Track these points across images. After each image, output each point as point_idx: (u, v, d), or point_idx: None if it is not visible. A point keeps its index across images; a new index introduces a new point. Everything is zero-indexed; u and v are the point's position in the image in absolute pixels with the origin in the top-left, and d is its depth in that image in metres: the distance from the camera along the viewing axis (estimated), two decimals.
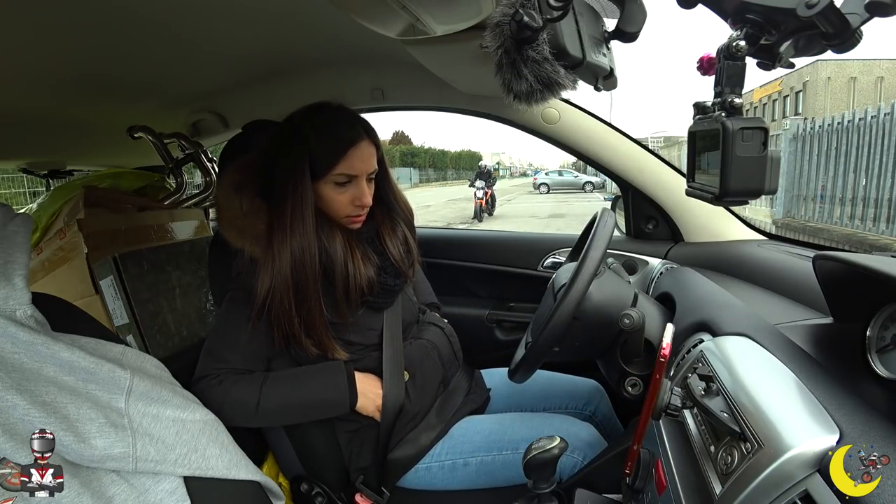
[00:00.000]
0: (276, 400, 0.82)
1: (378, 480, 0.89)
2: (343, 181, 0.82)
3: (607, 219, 0.81)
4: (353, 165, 0.81)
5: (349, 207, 0.84)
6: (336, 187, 0.83)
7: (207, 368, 0.83)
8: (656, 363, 0.53)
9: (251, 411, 0.80)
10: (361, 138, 0.82)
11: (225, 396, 0.79)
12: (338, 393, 0.84)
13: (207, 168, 1.44)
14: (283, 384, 0.84)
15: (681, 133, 20.54)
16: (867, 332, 0.54)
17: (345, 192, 0.83)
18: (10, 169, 3.24)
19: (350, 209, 0.84)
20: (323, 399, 0.84)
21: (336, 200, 0.83)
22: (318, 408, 0.85)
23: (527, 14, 0.45)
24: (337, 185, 0.82)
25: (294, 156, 0.80)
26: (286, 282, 0.79)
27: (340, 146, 0.81)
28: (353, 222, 0.86)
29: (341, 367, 0.86)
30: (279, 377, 0.84)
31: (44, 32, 0.70)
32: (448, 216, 12.30)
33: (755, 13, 0.42)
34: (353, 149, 0.81)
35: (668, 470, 0.58)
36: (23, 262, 0.50)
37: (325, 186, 0.82)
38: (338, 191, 0.83)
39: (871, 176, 5.50)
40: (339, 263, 0.83)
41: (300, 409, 0.85)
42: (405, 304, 0.96)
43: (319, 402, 0.84)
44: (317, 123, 0.82)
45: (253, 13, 0.78)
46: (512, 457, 0.88)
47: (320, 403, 0.85)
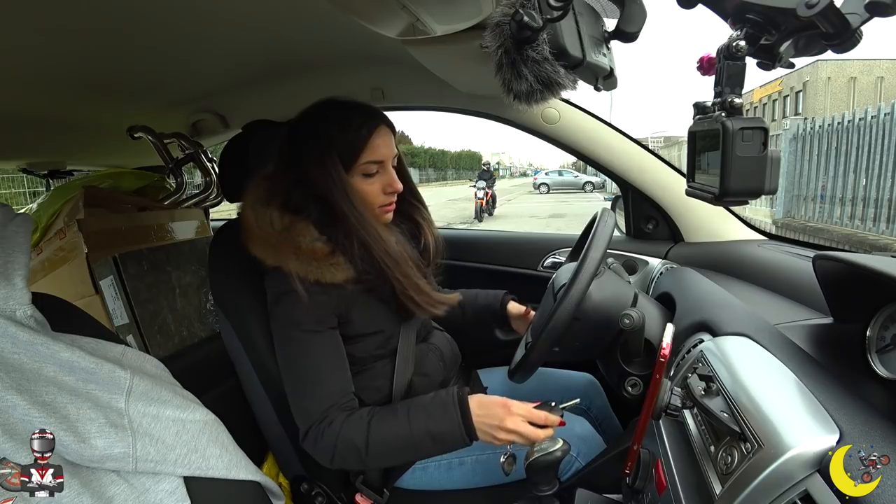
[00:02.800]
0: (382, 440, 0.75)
1: (378, 480, 0.89)
2: (372, 171, 0.81)
3: (607, 219, 0.81)
4: (378, 150, 0.80)
5: (381, 196, 0.83)
6: (365, 179, 0.81)
7: (312, 416, 0.76)
8: (656, 363, 0.53)
9: (362, 448, 0.74)
10: (379, 123, 0.81)
11: (334, 436, 0.74)
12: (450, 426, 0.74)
13: (207, 168, 1.44)
14: (387, 422, 0.76)
15: (681, 133, 20.55)
16: (867, 332, 0.54)
17: (375, 182, 0.82)
18: (10, 169, 3.24)
19: (382, 198, 0.83)
20: (430, 432, 0.74)
21: (368, 192, 0.81)
22: (428, 443, 0.75)
23: (527, 14, 0.45)
24: (366, 177, 0.81)
25: (323, 155, 0.78)
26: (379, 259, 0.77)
27: (362, 133, 0.79)
28: (386, 212, 0.85)
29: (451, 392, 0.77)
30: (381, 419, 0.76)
31: (44, 33, 0.70)
32: (448, 216, 12.30)
33: (755, 13, 0.42)
34: (374, 134, 0.80)
35: (668, 470, 0.58)
36: (23, 262, 0.50)
37: (354, 180, 0.80)
38: (368, 182, 0.81)
39: (871, 176, 5.51)
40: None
41: (410, 445, 0.75)
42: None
43: (427, 436, 0.74)
44: (331, 119, 0.80)
45: (253, 13, 0.78)
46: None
47: (428, 437, 0.74)
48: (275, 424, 0.92)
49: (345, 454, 0.75)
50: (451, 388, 0.78)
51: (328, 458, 0.76)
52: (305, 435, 0.77)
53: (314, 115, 0.82)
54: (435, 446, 0.75)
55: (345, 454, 0.75)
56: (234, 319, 0.90)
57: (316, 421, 0.76)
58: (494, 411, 0.74)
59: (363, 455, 0.74)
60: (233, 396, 0.98)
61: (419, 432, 0.74)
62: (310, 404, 0.77)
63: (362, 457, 0.74)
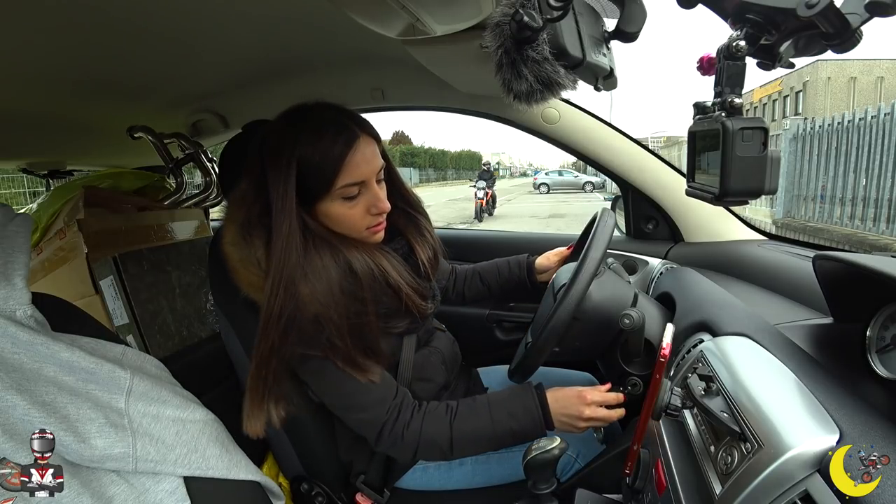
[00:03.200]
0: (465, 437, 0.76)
1: (378, 480, 0.89)
2: (352, 193, 0.72)
3: (607, 219, 0.81)
4: (357, 170, 0.70)
5: (366, 219, 0.74)
6: (345, 202, 0.72)
7: (377, 421, 0.75)
8: (656, 363, 0.53)
9: (446, 449, 0.76)
10: (357, 136, 0.70)
11: (416, 436, 0.75)
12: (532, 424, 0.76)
13: (207, 168, 1.44)
14: (470, 420, 0.77)
15: (681, 133, 20.53)
16: (867, 332, 0.54)
17: (357, 204, 0.73)
18: (10, 169, 3.24)
19: (368, 219, 0.75)
20: (512, 430, 0.76)
21: (350, 216, 0.73)
22: (508, 440, 0.77)
23: (527, 14, 0.45)
24: (346, 200, 0.72)
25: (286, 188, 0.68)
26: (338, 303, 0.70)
27: (334, 153, 0.69)
28: (374, 233, 0.77)
29: (530, 390, 0.78)
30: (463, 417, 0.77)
31: (44, 33, 0.70)
32: (448, 216, 12.30)
33: (755, 13, 0.42)
34: (351, 151, 0.69)
35: (668, 470, 0.58)
36: (23, 262, 0.50)
37: (332, 205, 0.72)
38: (348, 206, 0.72)
39: (871, 176, 5.50)
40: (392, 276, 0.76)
41: (491, 442, 0.77)
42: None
43: (509, 434, 0.76)
44: (300, 138, 0.69)
45: (253, 13, 0.78)
46: (507, 454, 0.88)
47: (509, 435, 0.76)
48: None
49: (427, 453, 0.77)
50: (528, 385, 0.79)
51: (409, 457, 0.78)
52: (378, 439, 0.76)
53: (278, 131, 0.71)
54: (514, 441, 0.77)
55: (427, 453, 0.77)
56: (234, 319, 0.90)
57: (386, 421, 0.76)
58: (571, 403, 0.76)
59: (447, 453, 0.76)
60: (233, 396, 0.98)
61: (502, 431, 0.76)
62: (367, 415, 0.76)
63: (445, 454, 0.77)
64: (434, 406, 0.78)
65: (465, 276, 1.12)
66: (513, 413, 0.76)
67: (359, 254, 0.74)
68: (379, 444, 0.77)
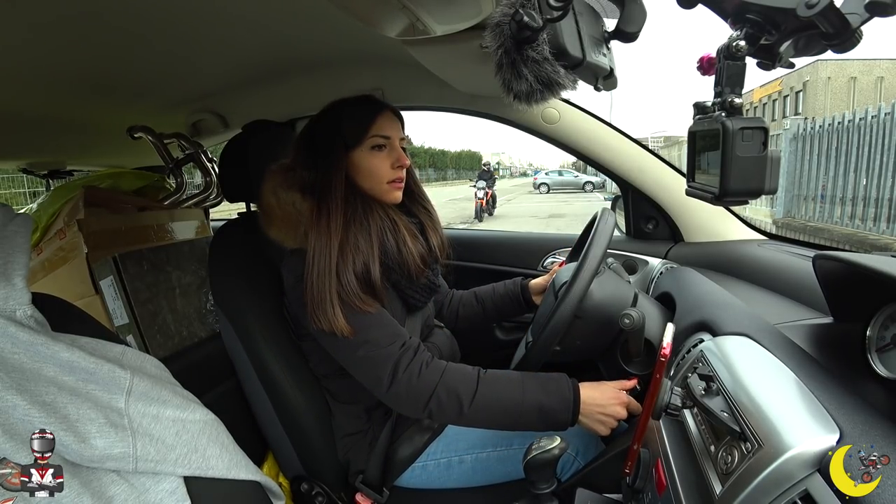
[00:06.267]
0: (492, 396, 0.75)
1: (378, 479, 0.89)
2: (380, 143, 0.85)
3: (607, 218, 0.82)
4: (384, 127, 0.85)
5: (390, 171, 0.86)
6: (374, 152, 0.85)
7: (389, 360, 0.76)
8: (656, 363, 0.53)
9: (466, 403, 0.74)
10: (386, 107, 0.87)
11: (435, 378, 0.75)
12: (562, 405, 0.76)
13: (207, 168, 1.44)
14: (501, 381, 0.77)
15: (681, 133, 20.55)
16: (867, 332, 0.54)
17: (383, 156, 0.85)
18: (10, 169, 3.25)
19: (391, 172, 0.86)
20: (541, 405, 0.75)
21: (377, 166, 0.85)
22: (533, 416, 0.76)
23: (527, 14, 0.45)
24: (374, 150, 0.85)
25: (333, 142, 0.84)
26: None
27: (369, 111, 0.85)
28: (394, 188, 0.87)
29: (564, 377, 0.79)
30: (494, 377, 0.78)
31: (44, 32, 0.70)
32: (448, 216, 12.29)
33: (755, 13, 0.42)
34: (380, 115, 0.85)
35: (668, 470, 0.58)
36: (23, 262, 0.50)
37: (362, 154, 0.84)
38: (377, 155, 0.85)
39: (872, 176, 5.50)
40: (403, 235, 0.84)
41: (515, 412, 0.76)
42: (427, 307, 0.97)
43: (535, 408, 0.75)
44: (344, 106, 0.86)
45: (253, 13, 0.78)
46: (506, 453, 0.88)
47: (536, 410, 0.75)
48: (275, 424, 0.92)
49: (443, 403, 0.74)
50: (560, 373, 0.79)
51: (422, 403, 0.75)
52: (393, 378, 0.75)
53: (327, 111, 0.87)
54: (537, 421, 0.76)
55: (443, 403, 0.74)
56: (234, 319, 0.90)
57: (401, 357, 0.76)
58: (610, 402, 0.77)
59: (465, 408, 0.74)
60: (233, 396, 0.99)
61: (531, 402, 0.75)
62: (382, 352, 0.76)
63: (463, 410, 0.74)
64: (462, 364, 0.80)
65: (462, 296, 1.14)
66: (546, 389, 0.76)
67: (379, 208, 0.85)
68: (394, 384, 0.75)
